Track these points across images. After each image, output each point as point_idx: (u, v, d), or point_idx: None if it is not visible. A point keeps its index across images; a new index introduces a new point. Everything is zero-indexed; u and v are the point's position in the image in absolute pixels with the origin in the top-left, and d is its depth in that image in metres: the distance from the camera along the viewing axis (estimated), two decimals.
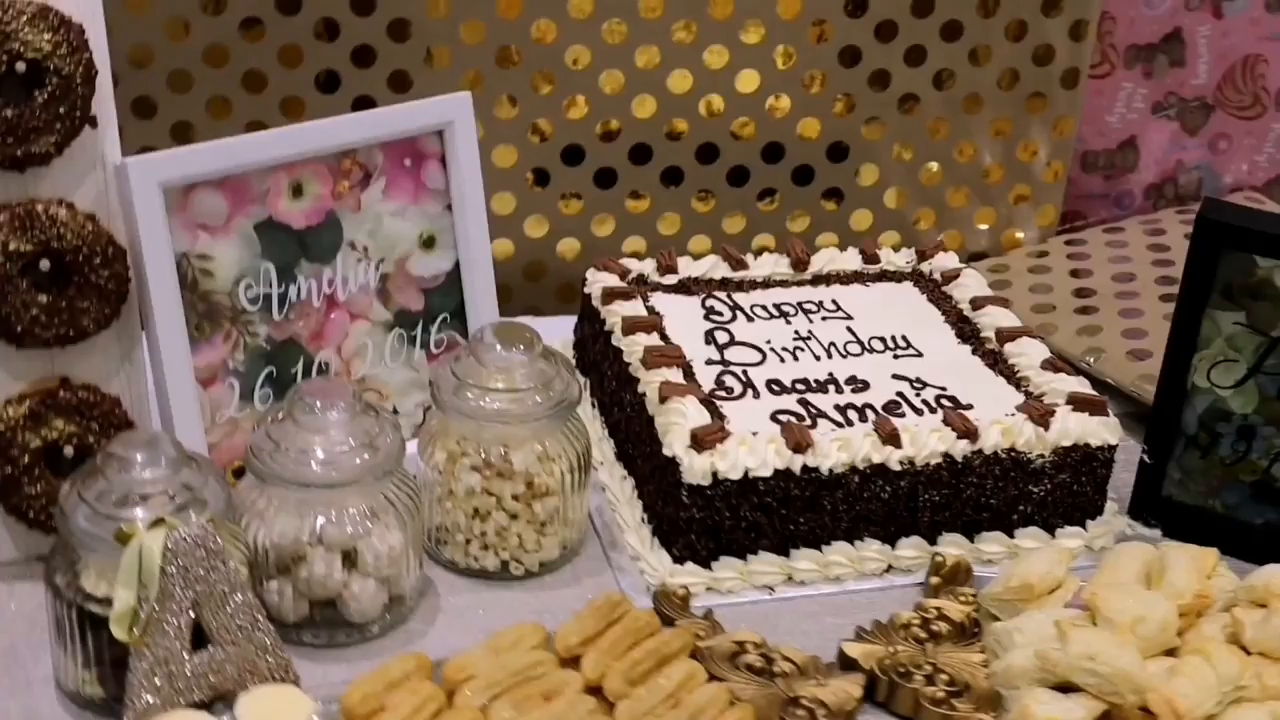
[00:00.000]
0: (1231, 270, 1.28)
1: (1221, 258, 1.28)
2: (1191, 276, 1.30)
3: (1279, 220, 1.34)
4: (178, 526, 1.05)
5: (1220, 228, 1.27)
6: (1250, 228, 1.27)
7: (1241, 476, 1.34)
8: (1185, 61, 1.85)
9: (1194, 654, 1.12)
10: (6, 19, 1.15)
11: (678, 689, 1.10)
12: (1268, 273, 1.27)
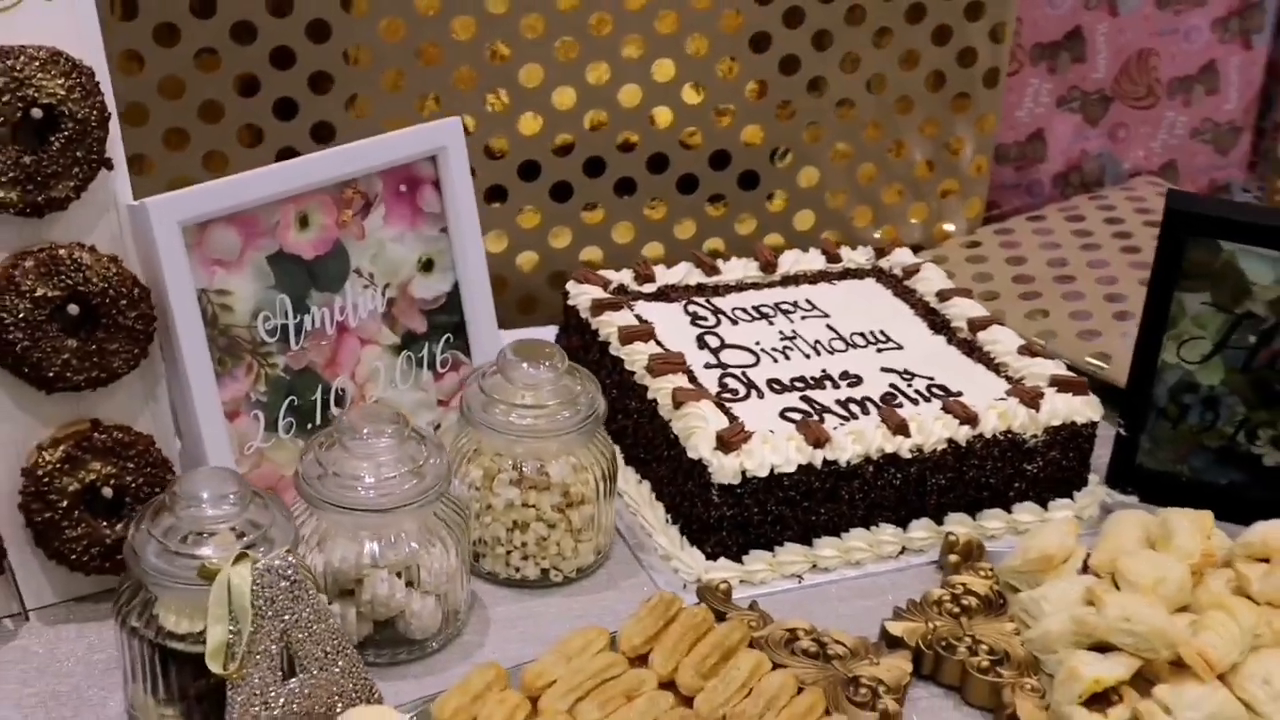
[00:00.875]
0: (1197, 254, 1.37)
1: (1188, 243, 1.37)
2: (1161, 261, 1.39)
3: (1239, 208, 1.44)
4: (259, 559, 1.06)
5: (1187, 217, 1.37)
6: (1214, 215, 1.37)
7: (1207, 443, 1.44)
8: (1086, 57, 1.96)
9: (1215, 608, 1.20)
10: (19, 65, 1.15)
11: (749, 678, 1.15)
12: (1230, 256, 1.37)
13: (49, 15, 1.17)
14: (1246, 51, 2.02)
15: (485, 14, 1.60)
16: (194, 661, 1.09)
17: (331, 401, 1.34)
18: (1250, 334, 1.39)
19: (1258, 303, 1.37)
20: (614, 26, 1.65)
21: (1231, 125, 2.06)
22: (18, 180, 1.15)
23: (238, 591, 1.05)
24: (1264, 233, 1.35)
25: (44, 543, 1.21)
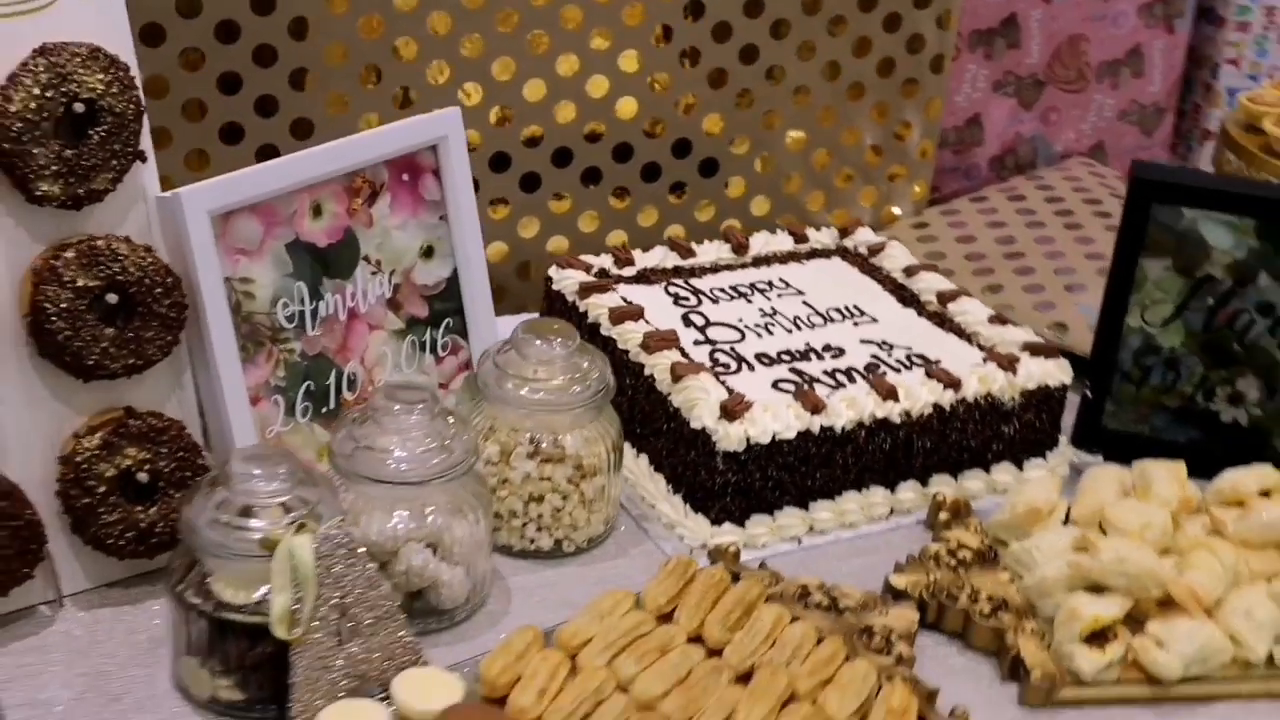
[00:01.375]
0: (1161, 221, 1.46)
1: (1152, 210, 1.46)
2: (1126, 229, 1.48)
3: (1201, 175, 1.54)
4: (317, 529, 1.11)
5: (1152, 185, 1.46)
6: (1178, 183, 1.46)
7: (1167, 403, 1.53)
8: (1020, 43, 2.05)
9: (1197, 549, 1.29)
10: (62, 61, 1.18)
11: (772, 630, 1.21)
12: (1191, 222, 1.46)
13: (82, 12, 1.21)
14: (1169, 35, 2.13)
15: (460, 9, 1.65)
16: (249, 632, 1.13)
17: (344, 386, 1.38)
18: (1209, 297, 1.48)
19: (1216, 266, 1.47)
20: (583, 20, 1.70)
21: (1156, 107, 2.17)
22: (60, 174, 1.18)
23: (300, 560, 1.09)
24: (1224, 199, 1.44)
25: (81, 529, 1.23)
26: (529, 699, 1.13)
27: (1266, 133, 1.59)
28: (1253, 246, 1.45)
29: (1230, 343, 1.49)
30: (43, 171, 1.18)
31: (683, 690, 1.15)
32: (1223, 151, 1.64)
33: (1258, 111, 1.62)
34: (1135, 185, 1.46)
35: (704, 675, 1.16)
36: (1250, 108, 1.63)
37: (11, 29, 1.18)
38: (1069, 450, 1.54)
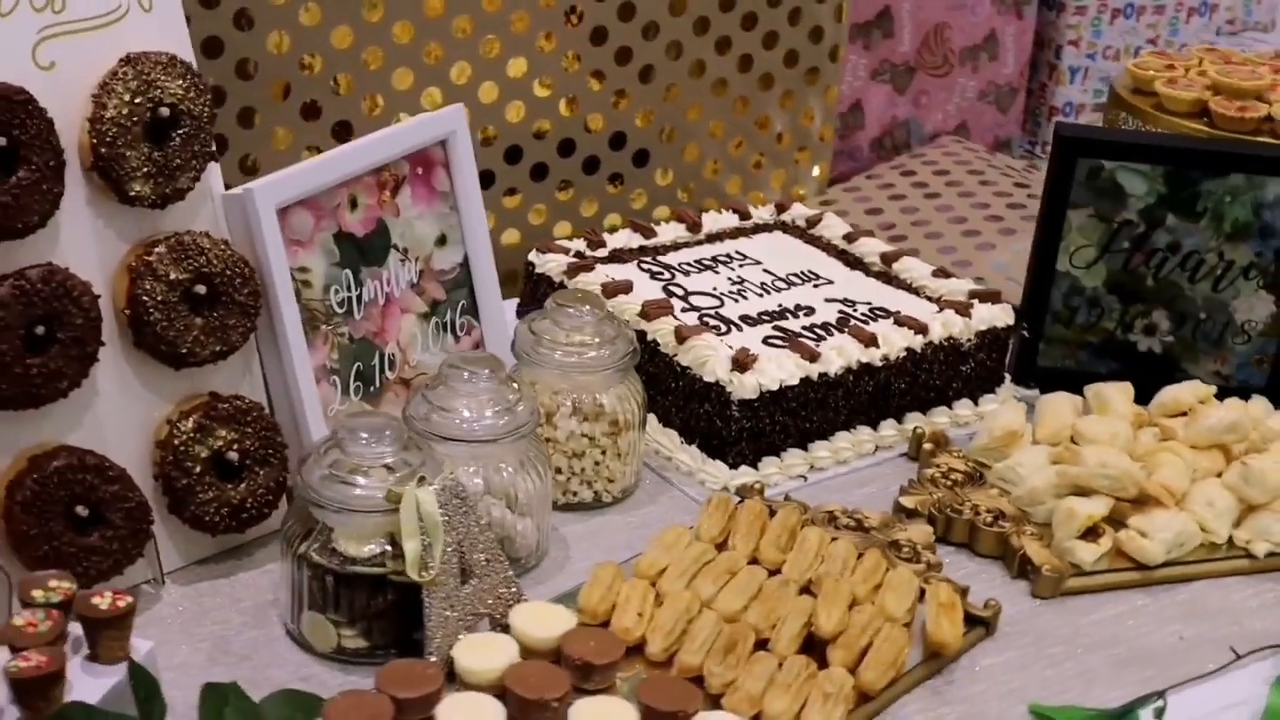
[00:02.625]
0: (1084, 174, 1.66)
1: (1076, 164, 1.66)
2: (1054, 182, 1.67)
3: (1117, 133, 1.74)
4: (433, 482, 1.22)
5: (1077, 142, 1.66)
6: (1099, 139, 1.66)
7: (1091, 338, 1.73)
8: (894, 33, 2.25)
9: (1160, 452, 1.49)
10: (147, 69, 1.26)
11: (818, 548, 1.36)
12: (1111, 173, 1.66)
13: (149, 23, 1.29)
14: (1019, 21, 2.36)
15: (422, 19, 1.76)
16: (371, 582, 1.23)
17: (385, 366, 1.48)
18: (1126, 239, 1.69)
19: (1132, 211, 1.67)
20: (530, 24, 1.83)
21: (1010, 87, 2.40)
22: (150, 174, 1.26)
23: (427, 509, 1.20)
24: (1139, 151, 1.65)
25: (179, 508, 1.32)
26: (630, 620, 1.26)
27: (1158, 93, 1.81)
28: (1161, 192, 1.66)
29: (1144, 280, 1.70)
30: (135, 173, 1.26)
31: (759, 603, 1.29)
32: (1116, 114, 1.85)
33: (1147, 76, 1.84)
34: (1061, 144, 1.65)
35: (774, 589, 1.31)
36: (1138, 73, 1.86)
37: (92, 41, 1.26)
38: (1011, 387, 1.73)
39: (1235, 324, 1.70)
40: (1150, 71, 1.84)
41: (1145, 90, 1.84)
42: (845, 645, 1.25)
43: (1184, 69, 1.86)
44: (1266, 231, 1.67)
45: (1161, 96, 1.81)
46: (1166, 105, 1.81)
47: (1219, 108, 1.77)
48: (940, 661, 1.30)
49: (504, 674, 1.17)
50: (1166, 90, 1.81)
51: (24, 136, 1.19)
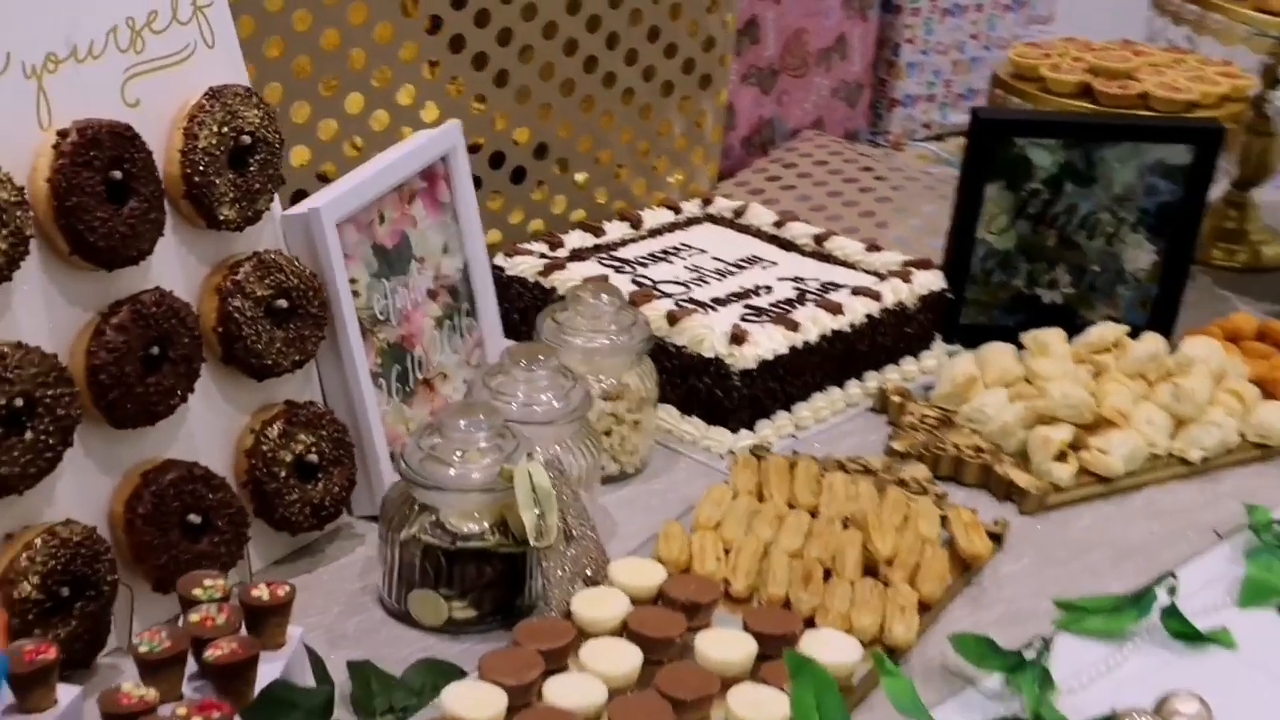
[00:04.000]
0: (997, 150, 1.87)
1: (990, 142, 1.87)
2: (971, 159, 1.88)
3: (1026, 113, 1.96)
4: (538, 457, 1.34)
5: (992, 123, 1.87)
6: (1010, 119, 1.88)
7: (1003, 296, 1.94)
8: (760, 39, 2.44)
9: (1104, 382, 1.71)
10: (229, 100, 1.35)
11: (845, 490, 1.53)
12: (1020, 149, 1.87)
13: (214, 58, 1.38)
14: (864, 23, 2.57)
15: (320, 52, 1.84)
16: (478, 556, 1.35)
17: (416, 367, 1.59)
18: (1031, 206, 1.90)
19: (1037, 181, 1.89)
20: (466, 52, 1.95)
21: (857, 84, 2.61)
22: (235, 199, 1.35)
23: (540, 481, 1.32)
24: (1044, 127, 1.87)
25: (267, 511, 1.40)
26: (711, 565, 1.40)
27: (1044, 77, 2.04)
28: (1061, 162, 1.88)
29: (1048, 240, 1.92)
30: (222, 199, 1.35)
31: (814, 539, 1.45)
32: (1005, 98, 2.08)
33: (1030, 64, 2.07)
34: (978, 125, 1.86)
35: (823, 526, 1.47)
36: (1020, 61, 2.08)
37: (170, 77, 1.35)
38: (940, 344, 1.92)
39: (1124, 273, 1.94)
40: (1032, 60, 2.07)
41: (1029, 76, 2.07)
42: (901, 565, 1.42)
43: (1059, 56, 2.09)
44: (1149, 190, 1.90)
45: (1047, 80, 2.04)
46: (1052, 88, 2.04)
47: (1102, 87, 2.01)
48: (971, 573, 1.48)
49: (625, 619, 1.30)
50: (1052, 75, 2.04)
51: (133, 169, 1.27)
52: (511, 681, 1.21)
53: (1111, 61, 2.05)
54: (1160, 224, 1.92)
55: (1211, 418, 1.70)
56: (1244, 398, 1.74)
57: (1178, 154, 1.89)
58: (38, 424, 1.19)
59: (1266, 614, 1.47)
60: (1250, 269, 2.24)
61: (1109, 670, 1.37)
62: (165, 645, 1.14)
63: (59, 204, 1.22)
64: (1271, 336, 1.90)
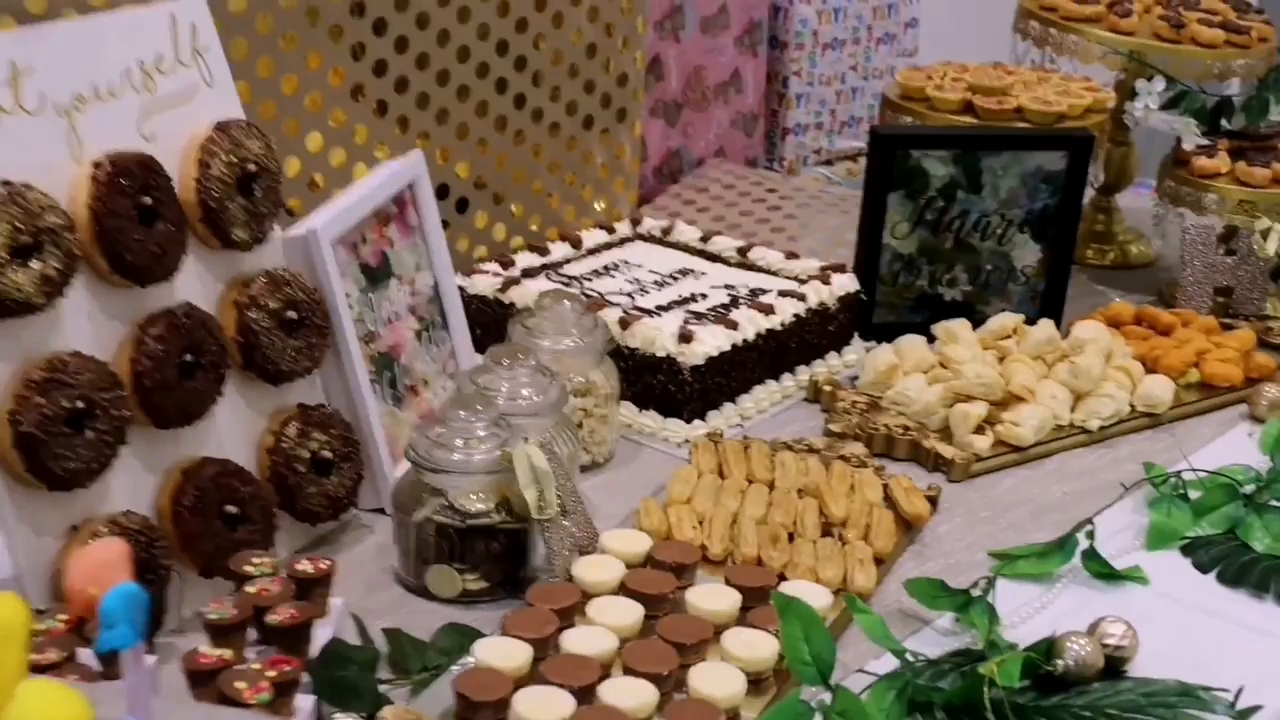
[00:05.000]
0: (896, 163, 2.08)
1: (892, 157, 2.07)
2: (873, 171, 2.08)
3: (920, 129, 2.16)
4: (533, 441, 1.50)
5: (889, 138, 2.07)
6: (905, 134, 2.08)
7: (908, 295, 2.14)
8: (664, 76, 2.63)
9: (1011, 364, 1.91)
10: (234, 133, 1.50)
11: (795, 466, 1.71)
12: (916, 160, 2.08)
13: (213, 95, 1.53)
14: (755, 59, 2.78)
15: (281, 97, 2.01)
16: (486, 532, 1.50)
17: (402, 375, 1.74)
18: (929, 213, 2.11)
19: (933, 190, 2.10)
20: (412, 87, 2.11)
21: (752, 114, 2.81)
22: (246, 222, 1.50)
23: (538, 462, 1.48)
24: (935, 141, 2.08)
25: (290, 504, 1.54)
26: (689, 533, 1.57)
27: (930, 97, 2.25)
28: (952, 172, 2.09)
29: (946, 243, 2.13)
30: (234, 221, 1.49)
31: (775, 507, 1.63)
32: (895, 117, 2.28)
33: (916, 85, 2.28)
34: (878, 140, 2.07)
35: (781, 496, 1.65)
36: (906, 84, 2.30)
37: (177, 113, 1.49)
38: (858, 341, 2.12)
39: (1015, 270, 2.15)
40: (917, 82, 2.29)
41: (915, 97, 2.28)
42: (854, 526, 1.61)
43: (941, 78, 2.31)
44: (1031, 194, 2.12)
45: (932, 99, 2.25)
46: (937, 106, 2.25)
47: (981, 103, 2.23)
48: (914, 532, 1.67)
49: (623, 580, 1.46)
50: (936, 94, 2.25)
51: (159, 196, 1.41)
52: (533, 635, 1.36)
53: (988, 80, 2.28)
54: (1043, 224, 2.13)
55: (1105, 391, 1.91)
56: (1131, 373, 1.96)
57: (1054, 160, 2.11)
58: (97, 424, 1.33)
59: (1171, 554, 1.67)
60: (1119, 266, 2.48)
61: (1043, 607, 1.56)
62: (232, 613, 1.28)
63: (99, 227, 1.36)
64: (1147, 320, 2.12)
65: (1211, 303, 2.20)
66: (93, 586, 0.95)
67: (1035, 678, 1.40)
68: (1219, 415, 1.99)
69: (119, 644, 0.92)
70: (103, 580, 0.95)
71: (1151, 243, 2.49)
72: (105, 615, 0.92)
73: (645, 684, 1.31)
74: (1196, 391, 2.00)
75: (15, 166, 1.32)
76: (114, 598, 0.92)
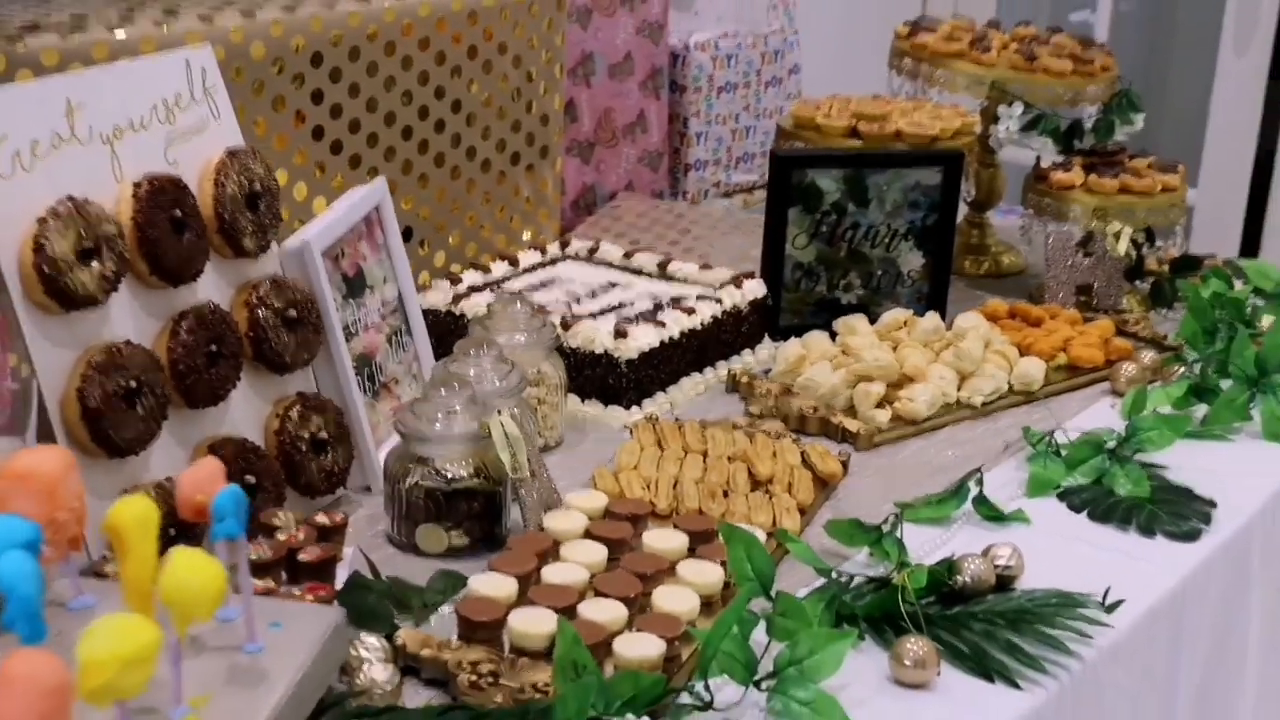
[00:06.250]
0: (794, 181, 2.36)
1: (790, 175, 2.36)
2: (774, 189, 2.36)
3: (814, 150, 2.45)
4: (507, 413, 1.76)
5: (786, 159, 2.36)
6: (801, 155, 2.38)
7: (810, 300, 2.43)
8: (578, 118, 2.91)
9: (904, 350, 2.20)
10: (241, 157, 1.75)
11: (724, 438, 1.98)
12: (811, 179, 2.37)
13: (219, 127, 1.77)
14: (658, 101, 3.07)
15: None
16: (467, 494, 1.74)
17: (378, 373, 1.98)
18: (824, 225, 2.40)
19: (826, 205, 2.39)
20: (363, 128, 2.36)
21: (657, 152, 3.10)
22: (254, 233, 1.74)
23: (511, 429, 1.73)
24: (827, 160, 2.38)
25: (294, 478, 1.77)
26: (639, 492, 1.83)
27: (819, 125, 2.55)
28: (843, 188, 2.39)
29: (840, 252, 2.42)
30: (245, 233, 1.73)
31: (710, 471, 1.89)
32: (790, 144, 2.58)
33: (807, 115, 2.58)
34: (777, 161, 2.36)
35: (715, 462, 1.91)
36: (799, 114, 2.60)
37: (194, 143, 1.73)
38: (768, 341, 2.39)
39: (902, 275, 2.45)
40: (808, 112, 2.59)
41: (807, 125, 2.58)
42: (779, 483, 1.88)
43: (828, 108, 2.61)
44: (913, 206, 2.42)
45: (822, 126, 2.55)
46: (826, 132, 2.55)
47: (865, 128, 2.53)
48: (829, 490, 1.94)
49: (587, 529, 1.72)
50: (825, 121, 2.55)
51: (187, 211, 1.65)
52: (517, 570, 1.61)
53: (869, 108, 2.58)
54: (924, 233, 2.43)
55: (986, 372, 2.21)
56: (1008, 356, 2.26)
57: (930, 175, 2.41)
58: (144, 401, 1.56)
59: (1049, 501, 1.96)
60: (993, 275, 2.79)
61: (943, 544, 1.83)
62: (269, 554, 1.52)
63: (140, 236, 1.60)
64: (1020, 315, 2.43)
65: (1074, 300, 2.51)
66: (199, 494, 1.19)
67: (939, 595, 1.67)
68: (1085, 392, 2.29)
69: (230, 533, 1.16)
70: (207, 488, 1.19)
71: (1021, 253, 2.81)
72: (217, 510, 1.16)
73: (617, 603, 1.56)
74: (1065, 372, 2.30)
75: (72, 185, 1.55)
76: (224, 497, 1.16)
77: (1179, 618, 1.80)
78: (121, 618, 0.99)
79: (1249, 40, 3.84)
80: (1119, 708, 1.68)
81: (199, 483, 1.19)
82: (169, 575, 1.07)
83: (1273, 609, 2.02)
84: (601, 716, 1.37)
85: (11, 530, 1.05)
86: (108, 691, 0.96)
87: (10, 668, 0.91)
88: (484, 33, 2.50)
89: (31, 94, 1.57)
